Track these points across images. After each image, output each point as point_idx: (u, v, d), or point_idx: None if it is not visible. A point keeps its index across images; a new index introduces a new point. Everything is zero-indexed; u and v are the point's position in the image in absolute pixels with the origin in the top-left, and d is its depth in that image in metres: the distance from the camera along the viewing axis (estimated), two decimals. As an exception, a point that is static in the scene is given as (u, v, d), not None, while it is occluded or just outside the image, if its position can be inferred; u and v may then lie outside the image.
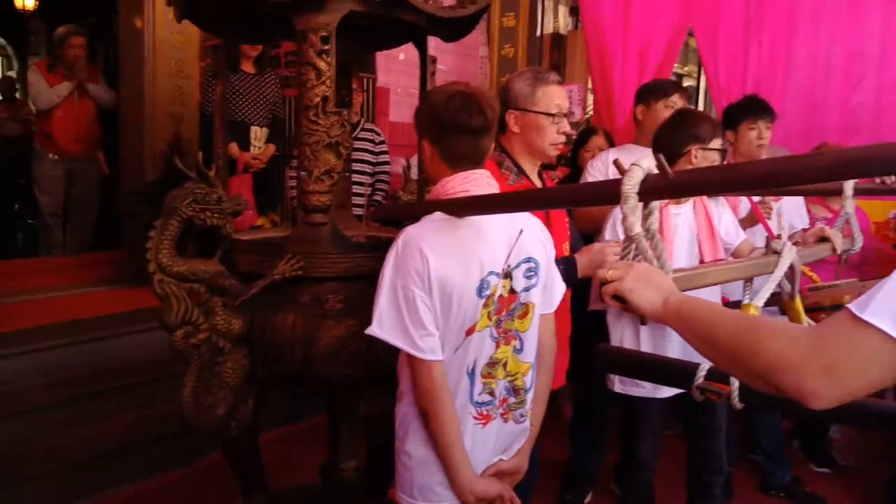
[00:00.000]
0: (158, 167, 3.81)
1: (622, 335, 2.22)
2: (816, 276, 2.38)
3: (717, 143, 2.23)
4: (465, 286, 1.48)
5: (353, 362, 1.76)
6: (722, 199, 2.46)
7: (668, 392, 2.26)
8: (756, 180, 0.95)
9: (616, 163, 1.10)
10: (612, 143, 3.55)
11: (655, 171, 1.09)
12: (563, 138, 2.02)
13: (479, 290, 1.50)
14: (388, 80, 4.48)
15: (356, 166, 3.48)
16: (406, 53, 4.43)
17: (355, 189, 2.80)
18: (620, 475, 2.87)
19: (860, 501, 2.93)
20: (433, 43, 2.12)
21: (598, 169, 2.86)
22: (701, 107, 7.31)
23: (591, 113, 5.08)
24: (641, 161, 1.11)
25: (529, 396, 1.64)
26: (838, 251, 1.98)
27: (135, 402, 3.02)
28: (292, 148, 4.11)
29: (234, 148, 3.84)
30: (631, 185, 1.07)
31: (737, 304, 1.84)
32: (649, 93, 2.90)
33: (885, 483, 2.87)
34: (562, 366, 2.04)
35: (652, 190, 1.08)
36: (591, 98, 5.13)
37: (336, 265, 1.79)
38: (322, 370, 1.76)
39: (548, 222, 1.97)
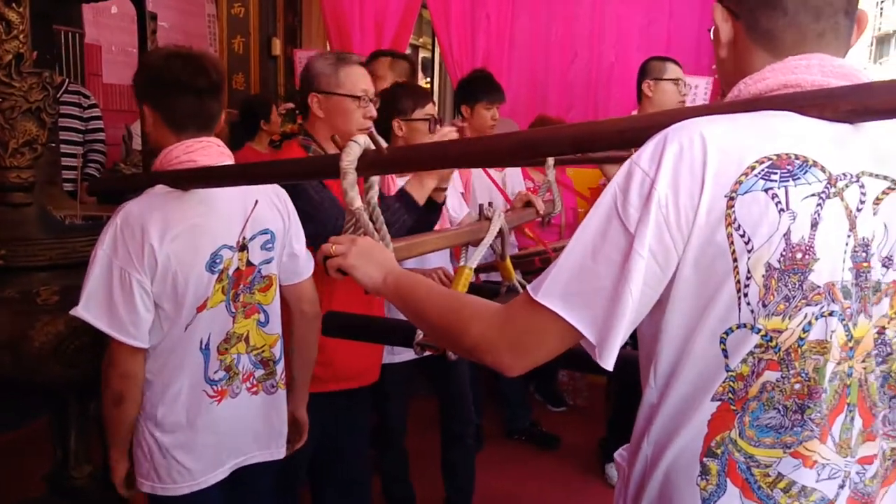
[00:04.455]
0: None
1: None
2: (540, 238, 2.79)
3: (421, 112, 2.40)
4: (193, 263, 1.53)
5: (78, 360, 1.70)
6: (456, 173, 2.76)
7: (408, 355, 2.50)
8: (456, 158, 1.16)
9: (333, 139, 1.22)
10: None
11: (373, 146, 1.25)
12: (369, 122, 2.03)
13: (210, 266, 1.56)
14: (99, 35, 4.16)
15: (63, 135, 3.22)
16: (119, 6, 4.15)
17: (65, 162, 2.63)
18: (375, 439, 3.10)
19: (590, 436, 3.50)
20: (153, -3, 2.05)
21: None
22: (436, 79, 7.82)
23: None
24: (358, 137, 1.25)
25: (280, 367, 1.75)
26: (541, 214, 2.34)
27: None
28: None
29: None
30: (349, 161, 1.20)
31: None
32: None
33: (606, 419, 3.46)
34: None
35: (370, 165, 1.24)
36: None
37: (47, 252, 1.70)
38: (39, 373, 1.68)
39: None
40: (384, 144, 1.24)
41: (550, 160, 2.29)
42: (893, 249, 0.84)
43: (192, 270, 1.53)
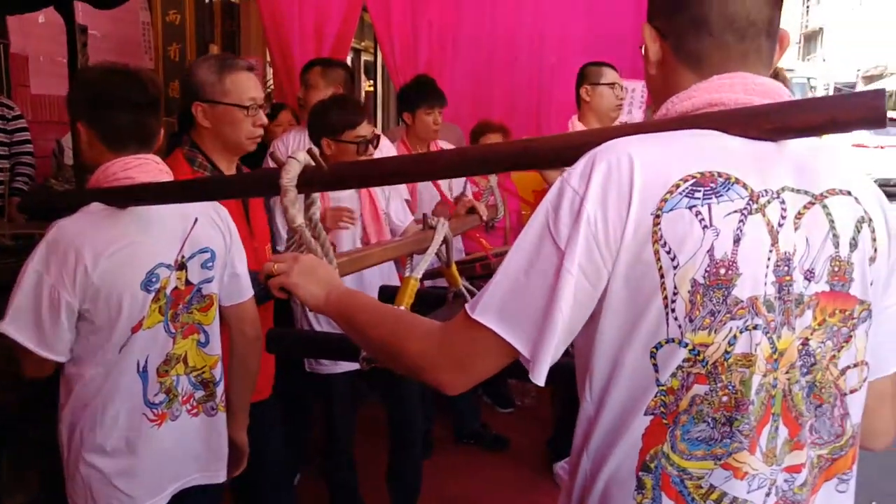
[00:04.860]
0: None
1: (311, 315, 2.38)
2: (487, 242, 2.81)
3: (351, 133, 2.33)
4: (127, 282, 1.50)
5: (3, 386, 1.65)
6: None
7: (351, 365, 2.49)
8: (392, 174, 1.16)
9: (273, 156, 1.22)
10: (298, 120, 3.68)
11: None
12: (260, 131, 1.96)
13: (146, 285, 1.53)
14: (26, 45, 4.03)
15: (-12, 148, 3.11)
16: (47, 16, 4.02)
17: (-10, 177, 2.53)
18: (323, 449, 3.07)
19: (538, 436, 3.53)
20: (84, 6, 1.98)
21: (281, 151, 2.97)
22: (380, 83, 7.80)
23: (271, 87, 5.15)
24: (297, 154, 1.25)
25: (220, 389, 1.72)
26: (484, 219, 2.37)
27: None
28: None
29: None
30: (289, 179, 1.20)
31: None
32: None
33: (554, 419, 3.51)
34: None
35: (310, 182, 1.24)
36: (270, 72, 5.19)
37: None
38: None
39: (248, 225, 2.01)
40: (323, 163, 1.24)
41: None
42: (816, 262, 0.87)
43: (126, 290, 1.50)
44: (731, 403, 0.84)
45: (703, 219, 0.82)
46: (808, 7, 34.58)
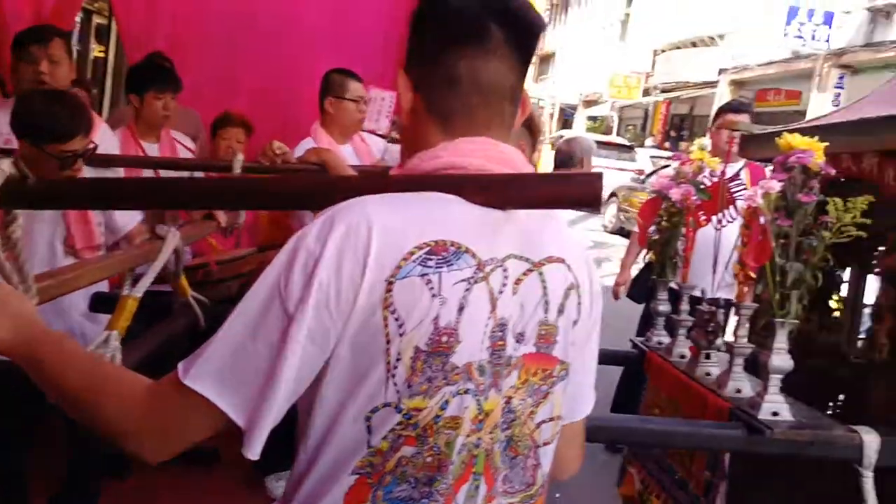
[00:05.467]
0: None
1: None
2: (217, 244, 2.68)
3: (57, 147, 1.91)
4: None
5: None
6: None
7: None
8: (117, 198, 1.06)
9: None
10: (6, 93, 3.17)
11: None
12: None
13: None
14: None
15: None
16: None
17: None
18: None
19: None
20: None
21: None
22: (112, 51, 7.09)
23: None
24: (2, 161, 1.09)
25: None
26: (223, 225, 2.26)
27: None
28: None
29: None
30: (-16, 192, 1.03)
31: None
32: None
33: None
34: None
35: (12, 197, 1.07)
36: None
37: None
38: None
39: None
40: (29, 174, 1.09)
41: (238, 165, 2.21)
42: (526, 326, 0.94)
43: None
44: (434, 464, 0.88)
45: (432, 287, 0.85)
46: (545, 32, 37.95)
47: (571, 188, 0.95)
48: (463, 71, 0.94)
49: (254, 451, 0.83)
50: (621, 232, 12.51)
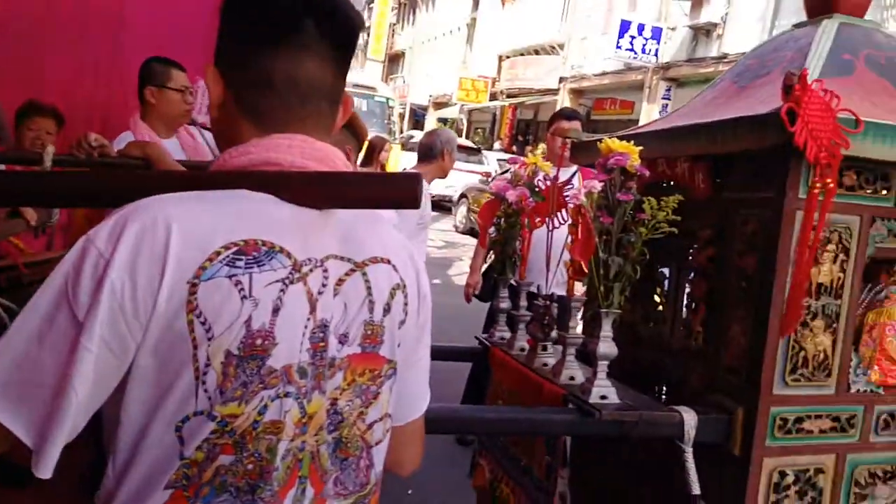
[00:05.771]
0: None
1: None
2: (24, 245, 2.45)
3: None
4: None
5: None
6: None
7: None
8: None
9: None
10: None
11: None
12: None
13: None
14: None
15: None
16: None
17: None
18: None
19: (77, 457, 3.13)
20: None
21: None
22: None
23: None
24: None
25: None
26: (33, 224, 2.08)
27: None
28: None
29: None
30: None
31: None
32: None
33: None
34: None
35: None
36: None
37: None
38: None
39: None
40: None
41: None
42: (350, 327, 0.92)
43: None
44: (256, 471, 0.84)
45: (242, 289, 0.80)
46: (393, 31, 38.25)
47: (391, 189, 0.94)
48: (277, 73, 0.90)
49: (45, 470, 0.76)
50: (472, 232, 12.83)
